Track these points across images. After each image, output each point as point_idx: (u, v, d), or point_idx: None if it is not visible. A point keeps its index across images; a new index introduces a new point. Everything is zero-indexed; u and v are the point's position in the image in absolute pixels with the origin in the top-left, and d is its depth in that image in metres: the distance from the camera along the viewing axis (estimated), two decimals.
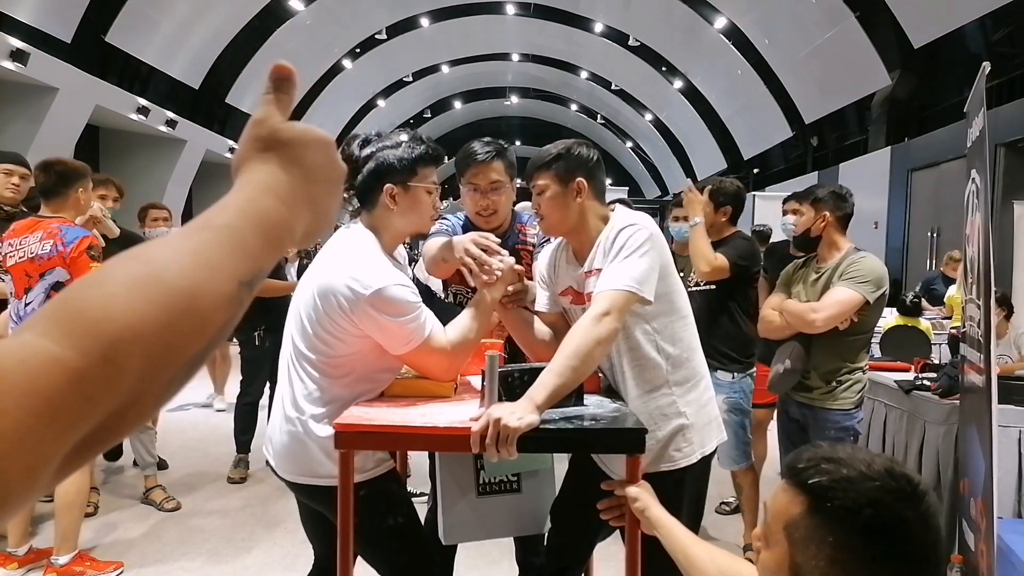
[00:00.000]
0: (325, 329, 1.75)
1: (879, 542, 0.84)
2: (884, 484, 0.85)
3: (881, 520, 0.84)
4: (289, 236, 0.57)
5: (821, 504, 0.87)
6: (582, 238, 1.93)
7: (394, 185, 1.81)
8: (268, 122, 0.59)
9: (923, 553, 0.85)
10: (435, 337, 1.78)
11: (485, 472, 2.23)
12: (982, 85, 2.74)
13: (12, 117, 10.08)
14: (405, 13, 18.28)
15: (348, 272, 1.71)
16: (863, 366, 2.81)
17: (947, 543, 3.13)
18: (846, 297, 2.66)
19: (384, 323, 1.71)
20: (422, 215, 1.88)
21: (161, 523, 3.68)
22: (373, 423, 1.64)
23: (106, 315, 0.40)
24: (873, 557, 0.84)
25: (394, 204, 1.82)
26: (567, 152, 1.89)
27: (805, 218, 2.85)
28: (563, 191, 1.88)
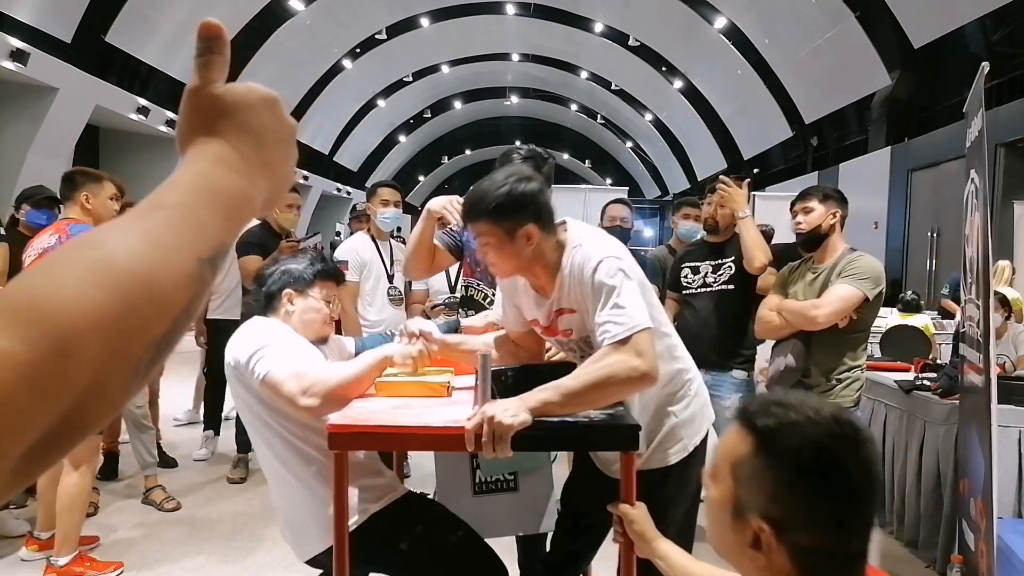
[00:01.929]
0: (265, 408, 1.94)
1: (818, 482, 0.88)
2: (828, 429, 0.89)
3: (821, 462, 0.88)
4: (249, 206, 0.54)
5: (767, 445, 0.91)
6: (538, 274, 1.82)
7: (293, 292, 2.09)
8: (207, 89, 0.55)
9: (859, 495, 0.89)
10: (277, 371, 1.82)
11: (481, 471, 2.23)
12: (981, 85, 2.74)
13: (12, 117, 10.09)
14: (405, 13, 18.28)
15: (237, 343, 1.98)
16: (862, 364, 2.83)
17: (946, 544, 3.13)
18: (847, 293, 2.67)
19: (238, 360, 1.89)
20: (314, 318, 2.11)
21: (161, 523, 3.68)
22: (367, 423, 1.64)
23: (56, 304, 0.38)
24: (811, 496, 0.89)
25: (292, 304, 2.09)
26: (508, 198, 1.70)
27: (816, 214, 2.83)
28: (510, 241, 1.73)
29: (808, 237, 2.87)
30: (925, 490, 3.36)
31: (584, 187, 12.76)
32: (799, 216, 2.88)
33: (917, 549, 3.43)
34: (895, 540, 3.62)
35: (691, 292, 3.31)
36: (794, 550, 0.89)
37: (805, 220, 2.85)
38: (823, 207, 2.83)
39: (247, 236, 4.36)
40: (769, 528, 0.90)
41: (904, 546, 3.53)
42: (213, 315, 4.66)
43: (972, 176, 2.85)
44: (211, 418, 4.84)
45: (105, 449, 4.30)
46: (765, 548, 0.90)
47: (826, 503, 0.89)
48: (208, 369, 4.86)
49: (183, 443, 5.06)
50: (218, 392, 4.81)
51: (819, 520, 0.89)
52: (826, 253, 2.86)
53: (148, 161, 13.70)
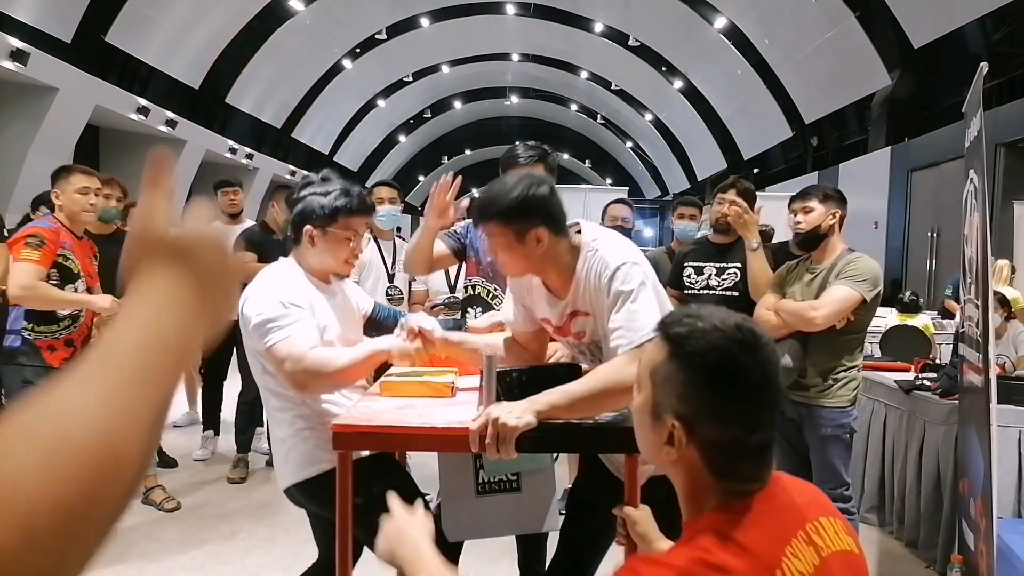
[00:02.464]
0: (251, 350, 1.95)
1: (720, 382, 0.98)
2: (730, 335, 0.99)
3: (723, 362, 0.98)
4: (193, 348, 0.55)
5: (677, 350, 1.01)
6: (551, 275, 1.82)
7: (313, 228, 1.99)
8: (153, 228, 0.57)
9: (757, 392, 0.99)
10: (286, 344, 1.81)
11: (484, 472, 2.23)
12: (980, 85, 2.74)
13: (12, 117, 10.08)
14: (405, 13, 18.28)
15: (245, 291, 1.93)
16: (858, 364, 2.83)
17: (946, 544, 3.14)
18: (845, 295, 2.67)
19: (249, 320, 1.86)
20: (337, 257, 2.02)
21: (161, 523, 3.68)
22: (371, 424, 1.64)
23: (17, 489, 0.37)
24: (714, 395, 0.99)
25: (312, 244, 2.00)
26: (519, 202, 1.71)
27: (816, 213, 2.82)
28: (520, 243, 1.73)
29: (807, 237, 2.86)
30: (925, 490, 3.36)
31: (584, 187, 12.77)
32: (799, 215, 2.87)
33: (917, 549, 3.43)
34: (895, 540, 3.62)
35: (693, 293, 3.29)
36: (702, 444, 0.99)
37: (805, 220, 2.84)
38: (823, 207, 2.83)
39: (245, 235, 4.36)
40: (680, 425, 0.99)
41: (904, 546, 3.53)
42: None
43: (971, 176, 2.85)
44: (210, 418, 4.84)
45: None
46: (677, 443, 1.00)
47: (728, 400, 0.98)
48: (205, 369, 4.86)
49: (183, 443, 5.06)
50: (216, 392, 4.81)
51: (722, 415, 0.98)
52: (824, 253, 2.85)
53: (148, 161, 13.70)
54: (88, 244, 3.33)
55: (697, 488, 1.02)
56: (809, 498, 1.06)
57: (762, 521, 0.97)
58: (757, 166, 18.69)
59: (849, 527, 1.07)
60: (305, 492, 1.97)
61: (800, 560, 0.95)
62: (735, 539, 0.93)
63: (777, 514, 0.99)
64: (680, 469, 1.03)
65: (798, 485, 1.09)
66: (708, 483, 1.00)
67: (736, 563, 0.90)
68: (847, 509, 2.79)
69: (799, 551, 0.96)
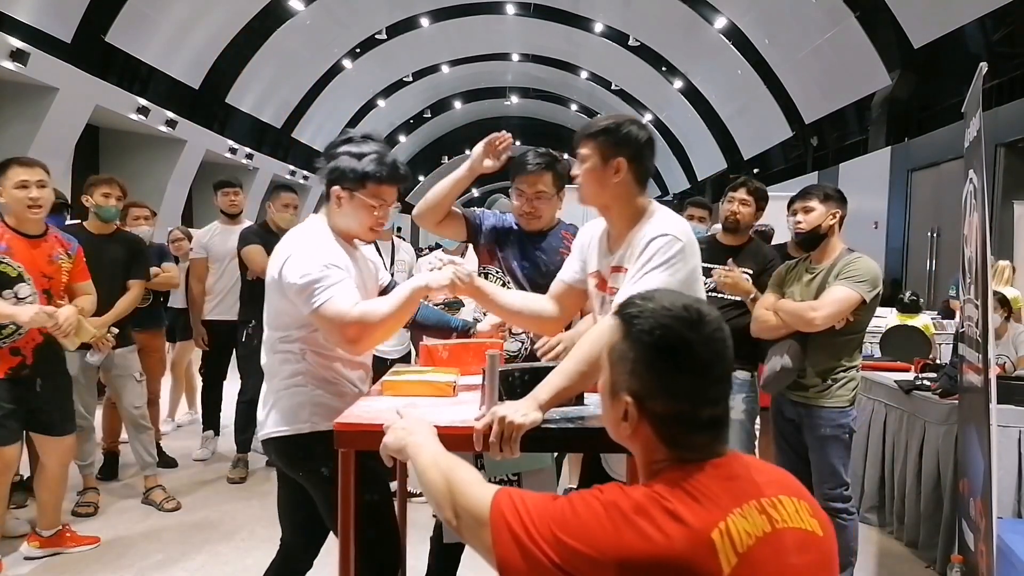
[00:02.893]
0: (271, 307, 1.96)
1: (665, 357, 1.04)
2: (675, 313, 1.05)
3: (667, 340, 1.04)
4: None
5: (629, 329, 1.08)
6: (614, 220, 1.92)
7: (341, 189, 1.96)
8: None
9: (702, 367, 1.04)
10: (335, 302, 1.81)
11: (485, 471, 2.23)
12: (979, 86, 2.74)
13: (12, 117, 10.08)
14: (405, 13, 18.27)
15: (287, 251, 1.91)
16: (857, 365, 2.83)
17: (946, 544, 3.13)
18: (845, 296, 2.67)
19: (290, 284, 1.85)
20: (361, 223, 2.00)
21: (161, 523, 3.68)
22: (373, 422, 1.64)
23: None
24: (661, 370, 1.04)
25: (339, 205, 1.98)
26: (616, 128, 1.86)
27: (816, 213, 2.82)
28: (602, 166, 1.86)
29: (807, 237, 2.86)
30: (925, 490, 3.36)
31: None
32: (799, 215, 2.86)
33: (917, 549, 3.43)
34: (895, 540, 3.62)
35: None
36: (653, 418, 1.05)
37: (805, 220, 2.84)
38: (823, 207, 2.82)
39: (247, 232, 4.37)
40: (632, 400, 1.06)
41: (904, 546, 3.53)
42: (209, 316, 4.66)
43: (971, 176, 2.85)
44: (210, 418, 4.84)
45: (105, 449, 4.30)
46: (631, 419, 1.06)
47: (674, 374, 1.04)
48: (205, 369, 4.86)
49: (183, 443, 5.06)
50: (215, 392, 4.80)
51: (670, 390, 1.04)
52: (824, 253, 2.85)
53: (148, 161, 13.69)
54: (51, 243, 3.05)
55: (652, 459, 1.08)
56: (772, 478, 1.09)
57: (714, 480, 1.02)
58: (757, 166, 18.68)
59: (818, 511, 1.09)
60: (278, 448, 1.98)
61: (747, 521, 0.98)
62: (686, 488, 1.00)
63: (731, 480, 1.03)
64: (637, 443, 1.09)
65: (763, 467, 1.12)
66: (662, 453, 1.06)
67: (685, 511, 0.97)
68: (847, 509, 2.79)
69: (748, 514, 0.99)
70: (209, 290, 4.68)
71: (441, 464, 1.22)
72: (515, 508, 1.04)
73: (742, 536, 0.97)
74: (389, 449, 1.39)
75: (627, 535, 0.96)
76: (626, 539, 0.95)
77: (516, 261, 2.52)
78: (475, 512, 1.08)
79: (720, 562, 0.94)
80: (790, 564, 1.00)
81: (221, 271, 4.66)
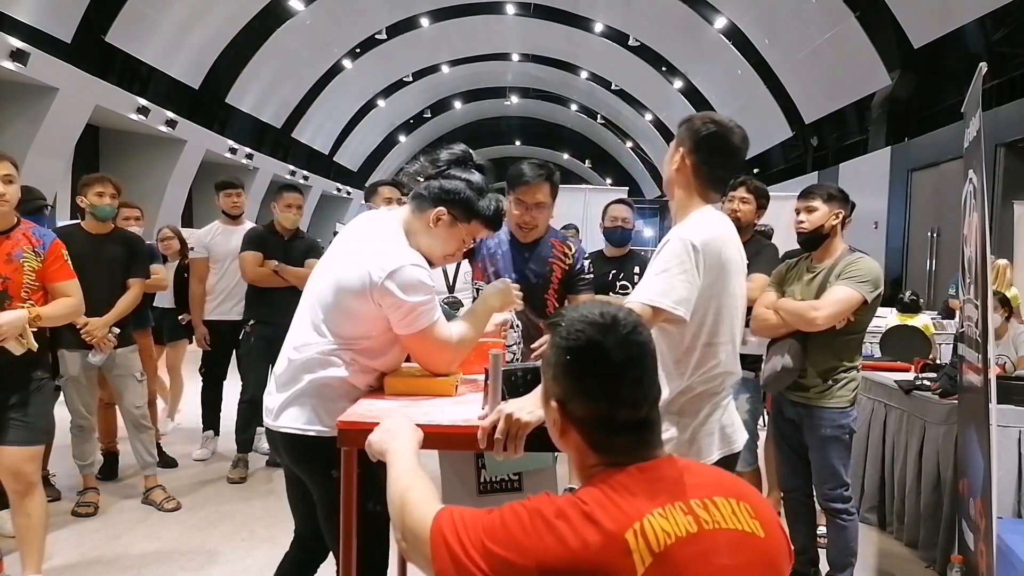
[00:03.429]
0: (341, 310, 1.83)
1: (579, 360, 1.08)
2: (590, 320, 1.10)
3: (581, 344, 1.08)
4: None
5: (553, 339, 1.13)
6: (674, 210, 1.97)
7: (447, 212, 1.89)
8: None
9: (616, 370, 1.07)
10: (440, 326, 1.83)
11: (486, 471, 2.23)
12: (979, 86, 2.74)
13: (12, 117, 10.09)
14: (405, 13, 18.28)
15: (374, 254, 1.80)
16: (857, 365, 2.82)
17: (946, 544, 3.14)
18: (846, 296, 2.67)
19: (397, 300, 1.76)
20: (445, 250, 1.95)
21: (161, 523, 3.68)
22: (376, 421, 1.64)
23: None
24: (576, 373, 1.09)
25: (434, 225, 1.90)
26: (688, 121, 1.92)
27: (819, 213, 2.81)
28: (673, 152, 1.93)
29: (809, 236, 2.85)
30: (925, 490, 3.36)
31: (584, 187, 12.76)
32: (801, 215, 2.85)
33: (917, 549, 3.43)
34: (895, 540, 3.63)
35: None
36: (575, 421, 1.10)
37: (808, 219, 2.82)
38: (826, 207, 2.81)
39: (251, 234, 4.37)
40: (556, 405, 1.11)
41: (904, 546, 3.54)
42: (210, 316, 4.66)
43: (970, 176, 2.85)
44: (210, 418, 4.84)
45: (104, 449, 4.30)
46: (557, 423, 1.12)
47: (588, 377, 1.08)
48: (205, 369, 4.86)
49: (183, 443, 5.06)
50: (215, 392, 4.81)
51: (586, 392, 1.08)
52: (826, 253, 2.85)
53: (148, 161, 13.71)
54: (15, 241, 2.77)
55: (583, 464, 1.12)
56: (707, 480, 1.10)
57: (636, 482, 1.05)
58: (757, 166, 18.68)
59: (762, 512, 1.09)
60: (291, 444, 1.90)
61: (667, 521, 1.00)
62: (605, 491, 1.03)
63: (655, 482, 1.05)
64: (569, 447, 1.14)
65: (700, 469, 1.15)
66: (591, 458, 1.10)
67: (602, 513, 1.00)
68: (847, 509, 2.79)
69: (670, 514, 1.01)
70: (210, 290, 4.68)
71: (404, 480, 1.24)
72: (452, 523, 1.07)
73: (659, 535, 0.98)
74: (372, 448, 1.41)
75: (547, 540, 0.98)
76: (546, 544, 0.98)
77: (506, 275, 2.62)
78: (418, 529, 1.11)
79: (634, 561, 0.96)
80: (719, 564, 1.00)
81: (222, 271, 4.66)
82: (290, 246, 4.36)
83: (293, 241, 4.40)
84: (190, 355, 5.63)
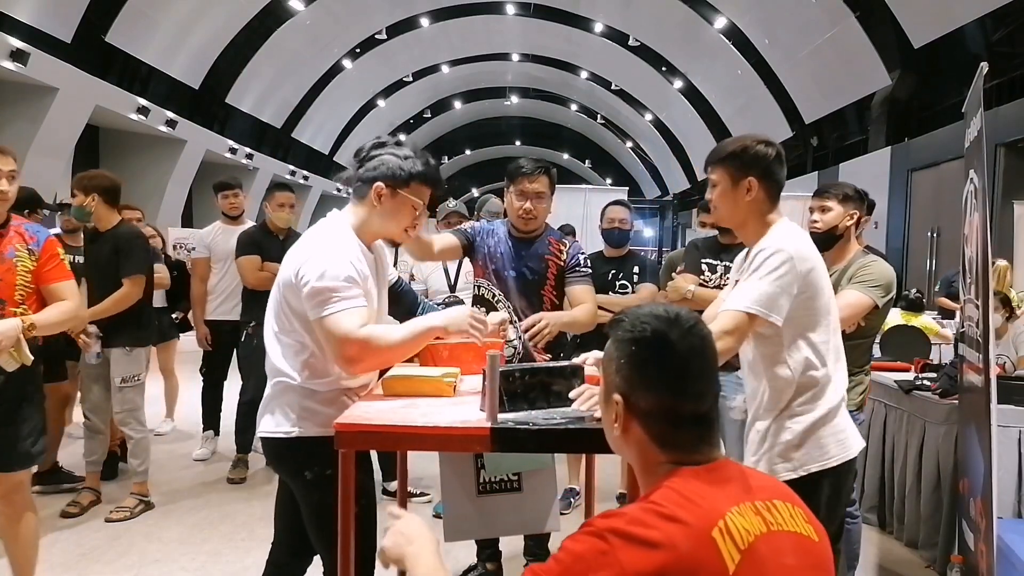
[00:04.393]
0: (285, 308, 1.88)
1: (644, 351, 1.10)
2: (655, 313, 1.13)
3: (644, 335, 1.10)
4: None
5: (615, 335, 1.15)
6: (750, 236, 1.99)
7: (384, 185, 1.90)
8: None
9: (681, 362, 1.09)
10: (345, 317, 1.76)
11: (485, 471, 2.24)
12: (980, 86, 2.74)
13: (12, 117, 10.09)
14: (405, 13, 18.28)
15: (308, 252, 1.83)
16: (866, 368, 2.78)
17: (946, 544, 3.14)
18: (857, 300, 2.60)
19: (305, 284, 1.78)
20: (399, 223, 1.96)
21: (161, 523, 3.68)
22: (374, 423, 1.64)
23: None
24: (640, 363, 1.10)
25: (378, 203, 1.91)
26: (743, 151, 1.93)
27: (834, 214, 2.73)
28: (733, 188, 1.94)
29: (823, 237, 2.75)
30: (925, 490, 3.36)
31: (584, 187, 12.76)
32: (815, 214, 2.77)
33: (917, 549, 3.43)
34: (895, 540, 3.63)
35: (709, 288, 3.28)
36: (639, 414, 1.10)
37: (822, 219, 2.74)
38: (841, 208, 2.73)
39: (245, 237, 4.36)
40: (620, 398, 1.11)
41: (904, 546, 3.54)
42: (212, 316, 4.66)
43: (971, 176, 2.84)
44: (210, 418, 4.83)
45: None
46: (620, 417, 1.12)
47: (654, 367, 1.09)
48: (205, 369, 4.85)
49: (183, 443, 5.06)
50: (215, 392, 4.80)
51: (650, 383, 1.09)
52: (840, 254, 2.78)
53: (148, 161, 13.71)
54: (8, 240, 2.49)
55: (647, 462, 1.11)
56: (765, 483, 1.12)
57: (710, 483, 1.05)
58: None
59: (812, 519, 1.11)
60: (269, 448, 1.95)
61: (745, 519, 1.00)
62: (682, 493, 1.01)
63: (726, 482, 1.06)
64: (631, 445, 1.13)
65: (756, 474, 1.16)
66: (655, 456, 1.10)
67: (683, 512, 0.98)
68: (851, 513, 2.73)
69: (745, 513, 1.01)
70: (211, 290, 4.68)
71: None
72: None
73: (741, 533, 0.98)
74: (387, 555, 1.27)
75: (632, 551, 0.95)
76: (632, 555, 0.95)
77: (505, 272, 2.72)
78: None
79: (724, 559, 0.95)
80: (786, 565, 1.01)
81: (223, 271, 4.66)
82: (286, 246, 4.34)
83: (288, 240, 4.39)
84: (189, 355, 5.63)
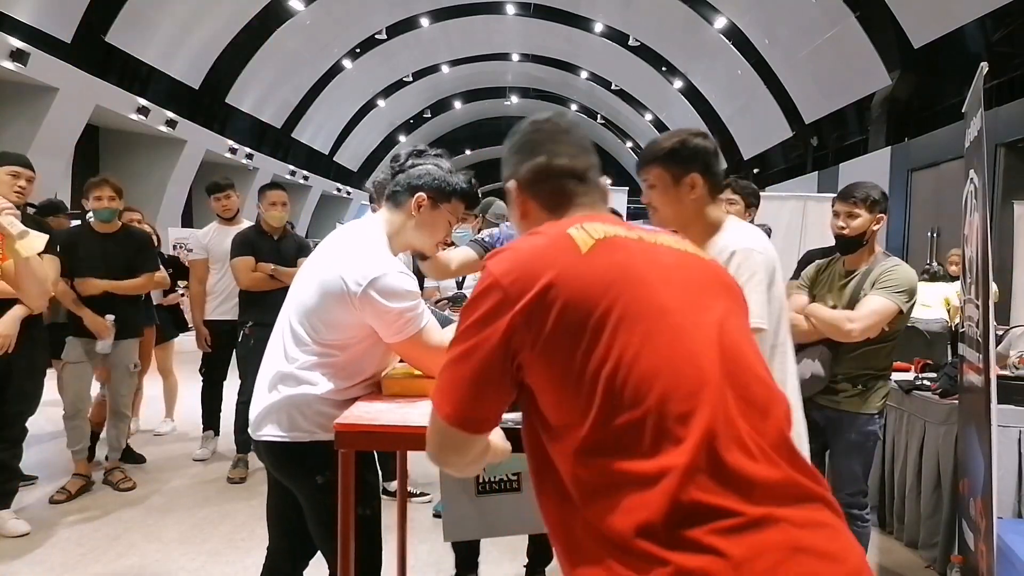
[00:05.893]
0: (322, 317, 1.80)
1: (521, 134, 1.33)
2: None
3: (521, 126, 1.35)
4: None
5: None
6: (693, 231, 1.88)
7: (426, 196, 1.90)
8: None
9: (550, 136, 1.29)
10: (429, 331, 1.80)
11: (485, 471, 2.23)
12: (980, 86, 2.73)
13: (12, 117, 10.09)
14: (405, 13, 18.29)
15: (353, 261, 1.78)
16: (888, 372, 2.76)
17: (946, 544, 3.13)
18: (882, 307, 2.58)
19: (382, 309, 1.75)
20: (433, 236, 1.96)
21: (161, 523, 3.68)
22: (374, 423, 1.64)
23: None
24: (519, 143, 1.32)
25: (416, 212, 1.90)
26: (681, 146, 1.85)
27: (861, 220, 2.68)
28: (676, 186, 1.86)
29: (848, 242, 2.74)
30: (925, 490, 3.36)
31: None
32: (841, 219, 2.72)
33: (917, 549, 3.43)
34: (895, 540, 3.62)
35: None
36: (527, 188, 1.28)
37: (849, 226, 2.70)
38: (869, 215, 2.69)
39: (239, 238, 4.36)
40: (514, 184, 1.30)
41: (904, 546, 3.53)
42: (211, 316, 4.66)
43: (971, 176, 2.84)
44: (210, 418, 4.83)
45: None
46: (518, 203, 1.30)
47: (530, 142, 1.29)
48: (205, 369, 4.85)
49: (183, 443, 5.06)
50: (215, 392, 4.80)
51: (529, 152, 1.28)
52: (860, 258, 2.75)
53: (148, 161, 13.71)
54: None
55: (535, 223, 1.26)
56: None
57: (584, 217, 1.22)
58: (757, 166, 18.69)
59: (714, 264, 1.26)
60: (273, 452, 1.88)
61: (608, 228, 1.14)
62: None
63: (604, 218, 1.22)
64: (531, 225, 1.26)
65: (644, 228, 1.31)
66: (546, 217, 1.26)
67: (545, 227, 1.18)
68: (863, 516, 2.70)
69: (614, 227, 1.16)
70: (210, 290, 4.68)
71: None
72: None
73: (601, 231, 1.12)
74: None
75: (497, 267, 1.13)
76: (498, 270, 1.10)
77: None
78: None
79: (577, 243, 1.09)
80: (663, 264, 1.14)
81: (221, 272, 4.65)
82: (281, 245, 4.36)
83: (283, 240, 4.40)
84: (189, 355, 5.63)
